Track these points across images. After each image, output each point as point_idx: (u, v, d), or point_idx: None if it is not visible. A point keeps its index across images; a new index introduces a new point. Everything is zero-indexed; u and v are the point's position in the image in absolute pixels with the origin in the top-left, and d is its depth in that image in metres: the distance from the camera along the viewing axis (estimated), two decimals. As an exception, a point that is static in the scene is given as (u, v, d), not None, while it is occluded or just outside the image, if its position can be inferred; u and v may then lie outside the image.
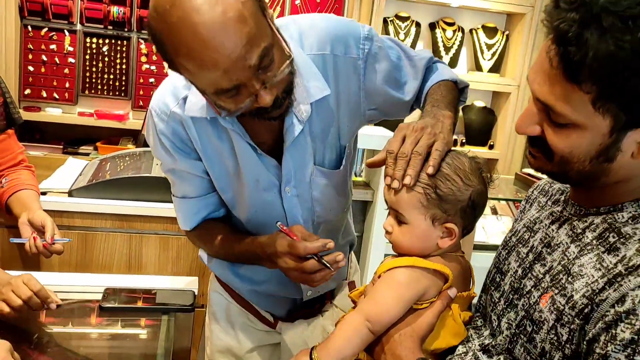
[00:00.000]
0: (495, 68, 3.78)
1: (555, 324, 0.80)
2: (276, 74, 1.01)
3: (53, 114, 3.31)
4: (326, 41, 1.18)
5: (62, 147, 3.26)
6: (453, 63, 3.73)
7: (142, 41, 3.35)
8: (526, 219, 1.01)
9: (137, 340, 1.45)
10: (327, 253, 1.11)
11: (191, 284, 1.63)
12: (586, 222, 0.85)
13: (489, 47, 3.76)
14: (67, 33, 3.27)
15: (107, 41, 3.34)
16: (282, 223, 1.15)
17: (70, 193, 1.93)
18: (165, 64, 1.04)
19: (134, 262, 1.95)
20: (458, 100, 1.26)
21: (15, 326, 1.30)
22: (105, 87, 3.39)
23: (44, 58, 3.28)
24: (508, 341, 0.89)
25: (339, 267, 1.11)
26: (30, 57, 3.27)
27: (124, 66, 3.37)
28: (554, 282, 0.83)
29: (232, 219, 1.37)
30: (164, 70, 3.37)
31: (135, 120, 3.36)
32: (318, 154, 1.25)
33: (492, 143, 3.83)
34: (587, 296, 0.76)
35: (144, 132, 1.67)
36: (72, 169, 2.18)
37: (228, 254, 1.34)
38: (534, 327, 0.83)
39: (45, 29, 3.25)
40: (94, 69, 3.36)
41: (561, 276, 0.82)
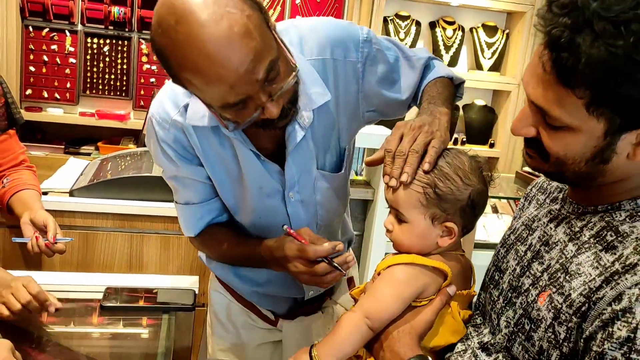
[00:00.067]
0: (496, 67, 3.78)
1: (553, 322, 0.80)
2: (282, 86, 1.00)
3: (54, 114, 3.31)
4: (326, 45, 1.17)
5: (63, 147, 3.26)
6: (453, 62, 3.73)
7: (143, 41, 3.35)
8: (525, 217, 1.02)
9: (138, 339, 1.45)
10: (336, 255, 1.10)
11: (192, 283, 1.64)
12: (584, 220, 0.86)
13: (489, 45, 3.75)
14: (68, 33, 3.27)
15: (108, 41, 3.34)
16: (288, 226, 1.15)
17: (72, 193, 1.94)
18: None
19: (134, 262, 1.96)
20: (454, 97, 1.26)
21: (17, 325, 1.30)
22: (106, 87, 3.39)
23: (45, 58, 3.28)
24: (506, 339, 0.89)
25: (349, 268, 1.11)
26: (31, 57, 3.27)
27: (124, 66, 3.38)
28: (551, 280, 0.83)
29: (236, 223, 1.35)
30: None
31: (136, 120, 3.36)
32: (320, 158, 1.25)
33: (492, 142, 3.83)
34: (584, 294, 0.77)
35: (145, 133, 1.67)
36: (74, 169, 2.19)
37: (233, 258, 1.34)
38: (532, 326, 0.84)
39: (46, 30, 3.25)
40: (94, 69, 3.36)
41: (559, 274, 0.83)
